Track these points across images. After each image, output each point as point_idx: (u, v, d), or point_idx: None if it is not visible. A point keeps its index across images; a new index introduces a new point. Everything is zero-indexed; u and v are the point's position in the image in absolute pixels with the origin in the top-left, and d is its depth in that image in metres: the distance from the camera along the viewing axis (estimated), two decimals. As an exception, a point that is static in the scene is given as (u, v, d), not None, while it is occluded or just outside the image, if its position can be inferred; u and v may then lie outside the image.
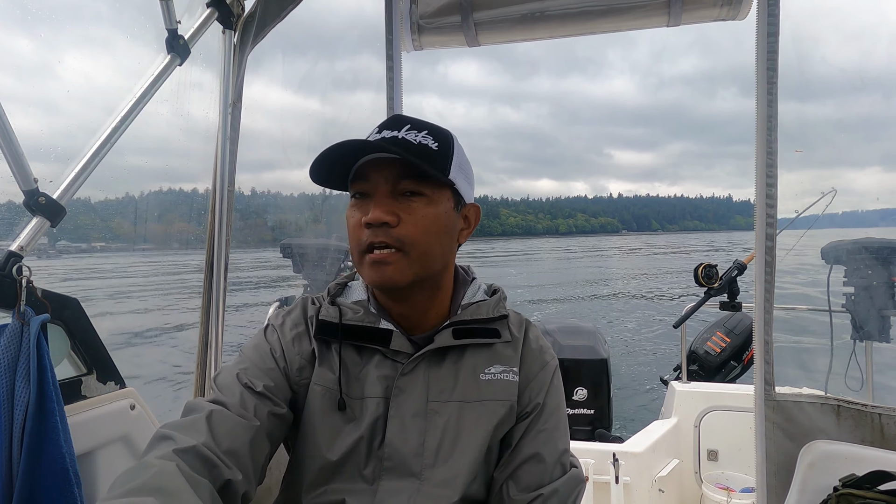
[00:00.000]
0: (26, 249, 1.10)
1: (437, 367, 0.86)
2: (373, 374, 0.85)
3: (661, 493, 2.26)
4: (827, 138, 11.03)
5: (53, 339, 1.16)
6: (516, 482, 0.84)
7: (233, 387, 0.80)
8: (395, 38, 1.69)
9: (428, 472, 0.82)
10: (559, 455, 0.87)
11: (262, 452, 0.78)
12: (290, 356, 0.86)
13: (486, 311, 0.89)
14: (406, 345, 0.86)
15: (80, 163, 1.25)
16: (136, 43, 1.53)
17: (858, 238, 2.25)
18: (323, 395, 0.84)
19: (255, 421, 0.77)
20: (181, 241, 1.90)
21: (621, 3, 1.65)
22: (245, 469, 0.73)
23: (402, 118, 0.84)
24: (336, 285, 0.95)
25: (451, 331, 0.87)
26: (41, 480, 1.00)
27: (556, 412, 0.90)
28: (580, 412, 2.81)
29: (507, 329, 0.91)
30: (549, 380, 0.91)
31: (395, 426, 0.83)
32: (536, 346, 0.93)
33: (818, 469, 1.24)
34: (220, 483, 0.69)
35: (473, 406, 0.85)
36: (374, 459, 0.83)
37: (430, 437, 0.83)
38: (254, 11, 1.74)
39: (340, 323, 0.86)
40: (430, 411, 0.84)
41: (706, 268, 2.50)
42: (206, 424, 0.72)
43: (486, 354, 0.88)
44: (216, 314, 1.71)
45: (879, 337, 2.12)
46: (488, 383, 0.86)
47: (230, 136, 1.74)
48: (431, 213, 0.81)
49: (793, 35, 1.34)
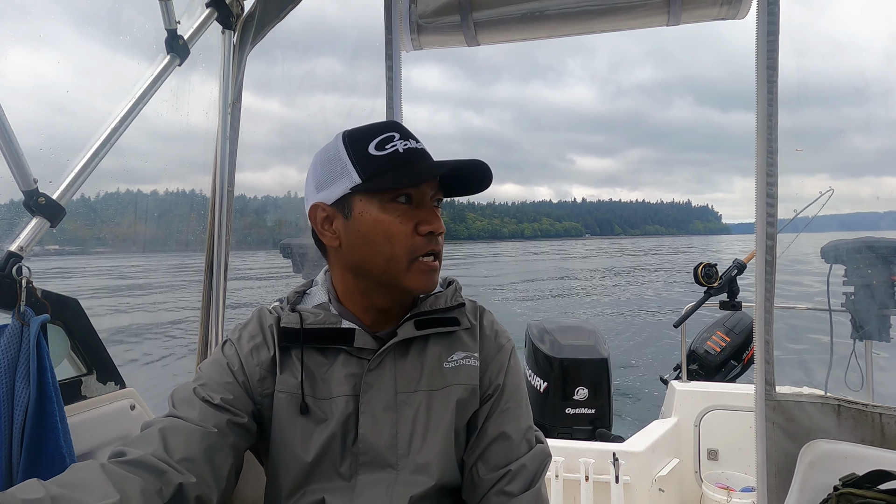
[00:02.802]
0: (26, 250, 1.10)
1: (403, 360, 0.89)
2: (339, 373, 0.87)
3: (661, 492, 2.26)
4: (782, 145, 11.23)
5: (53, 339, 1.16)
6: (485, 462, 0.88)
7: (190, 400, 0.82)
8: (394, 37, 1.68)
9: (403, 462, 0.85)
10: (523, 432, 0.90)
11: (222, 459, 0.79)
12: (250, 368, 0.87)
13: (444, 301, 0.93)
14: (370, 341, 0.88)
15: (79, 163, 1.25)
16: (136, 43, 1.53)
17: (859, 237, 2.25)
18: (288, 400, 0.86)
19: (212, 429, 0.78)
20: (180, 241, 1.90)
21: (621, 3, 1.65)
22: (202, 475, 0.75)
23: (405, 128, 0.88)
24: (294, 293, 0.96)
25: (413, 322, 0.89)
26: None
27: (516, 391, 0.93)
28: (581, 412, 2.81)
29: (465, 317, 0.94)
30: (507, 361, 0.94)
31: (366, 421, 0.85)
32: (491, 332, 0.96)
33: (818, 468, 1.24)
34: (172, 487, 0.71)
35: (440, 393, 0.88)
36: (350, 456, 0.85)
37: (402, 428, 0.86)
38: (253, 11, 1.74)
39: (302, 328, 0.87)
40: (399, 403, 0.87)
41: (706, 267, 2.50)
42: (159, 435, 0.75)
43: (447, 343, 0.91)
44: (216, 314, 1.71)
45: (879, 336, 2.12)
46: (452, 370, 0.90)
47: (230, 137, 1.74)
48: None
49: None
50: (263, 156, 2.14)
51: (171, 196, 1.89)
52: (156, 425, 0.77)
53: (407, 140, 0.84)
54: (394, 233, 0.83)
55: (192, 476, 0.73)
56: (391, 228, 0.83)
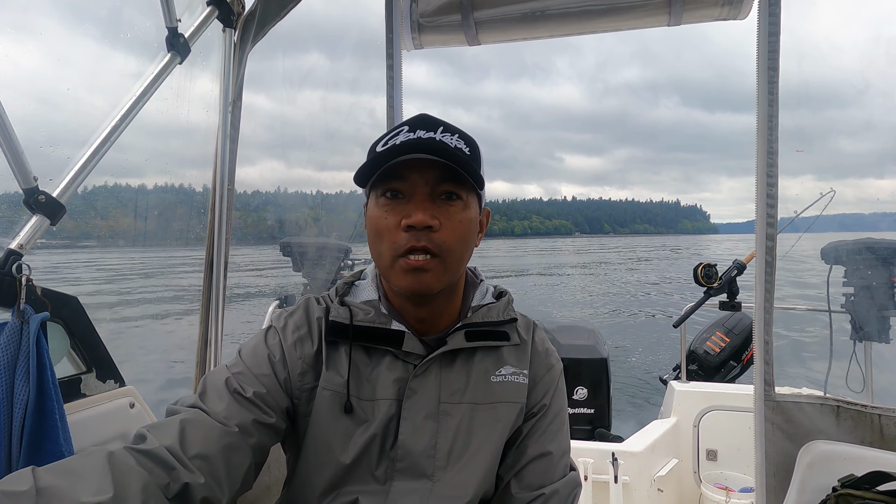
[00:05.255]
0: (26, 248, 1.10)
1: (449, 369, 0.86)
2: (384, 375, 0.84)
3: (659, 492, 2.26)
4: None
5: (53, 337, 1.16)
6: (519, 480, 0.86)
7: (220, 391, 0.79)
8: (395, 36, 1.68)
9: (440, 474, 0.82)
10: (562, 456, 0.89)
11: (239, 459, 0.76)
12: (292, 361, 0.84)
13: (496, 314, 0.89)
14: (418, 346, 0.85)
15: (79, 161, 1.25)
16: (137, 41, 1.52)
17: (859, 238, 2.24)
18: (332, 398, 0.83)
19: (234, 428, 0.76)
20: (180, 239, 1.90)
21: (622, 3, 1.65)
22: (215, 474, 0.73)
23: (433, 119, 0.83)
24: (343, 284, 0.93)
25: (464, 333, 0.86)
26: (40, 478, 1.00)
27: (559, 414, 0.91)
28: (580, 411, 2.82)
29: (516, 332, 0.91)
30: (555, 382, 0.92)
31: (407, 427, 0.83)
32: (543, 349, 0.93)
33: (817, 469, 1.24)
34: (179, 485, 0.69)
35: (485, 408, 0.85)
36: (386, 460, 0.83)
37: (442, 439, 0.83)
38: (254, 10, 1.74)
39: (351, 324, 0.85)
40: (441, 413, 0.84)
41: (705, 268, 2.50)
42: (178, 427, 0.73)
43: (495, 357, 0.88)
44: (216, 312, 1.71)
45: (879, 338, 2.12)
46: (499, 385, 0.87)
47: (230, 135, 1.73)
48: (466, 217, 0.81)
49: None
50: (254, 151, 2.13)
51: (170, 193, 1.89)
52: (179, 415, 0.75)
53: (414, 132, 0.79)
54: (379, 228, 0.80)
55: (202, 476, 0.71)
56: (378, 224, 0.80)
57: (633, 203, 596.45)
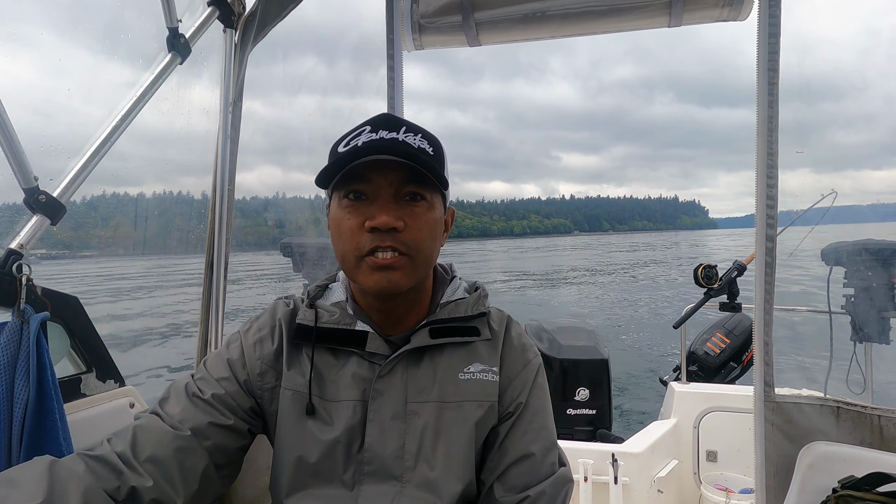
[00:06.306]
0: (26, 248, 1.10)
1: (415, 368, 0.85)
2: (349, 376, 0.84)
3: (659, 493, 2.26)
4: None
5: (53, 337, 1.16)
6: (503, 483, 0.83)
7: (179, 395, 0.82)
8: (395, 37, 1.68)
9: (409, 475, 0.81)
10: (546, 455, 0.85)
11: (194, 461, 0.78)
12: (251, 361, 0.85)
13: (464, 310, 0.88)
14: (382, 346, 0.85)
15: (80, 161, 1.25)
16: (137, 41, 1.53)
17: (859, 239, 2.25)
18: (294, 399, 0.84)
19: (186, 431, 0.78)
20: (180, 240, 1.89)
21: (622, 4, 1.65)
22: (166, 476, 0.75)
23: (395, 118, 0.82)
24: (316, 287, 0.94)
25: (428, 330, 0.86)
26: (40, 478, 1.00)
27: (540, 411, 0.88)
28: (581, 412, 2.81)
29: (487, 327, 0.90)
30: (533, 378, 0.89)
31: (374, 429, 0.82)
32: (518, 344, 0.90)
33: (817, 470, 1.24)
34: (127, 488, 0.72)
35: (452, 406, 0.84)
36: (354, 464, 0.82)
37: (410, 439, 0.82)
38: (254, 10, 1.74)
39: (315, 327, 0.86)
40: (409, 413, 0.83)
41: (706, 268, 2.50)
42: (132, 433, 0.76)
43: (465, 353, 0.87)
44: (216, 314, 1.71)
45: (879, 339, 2.12)
46: (467, 383, 0.85)
47: (230, 136, 1.73)
48: (431, 218, 0.81)
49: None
50: (252, 157, 2.14)
51: (169, 195, 1.89)
52: (136, 421, 0.79)
53: (377, 132, 0.79)
54: (342, 229, 0.80)
55: (151, 479, 0.73)
56: (340, 225, 0.80)
57: (632, 200, 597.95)
